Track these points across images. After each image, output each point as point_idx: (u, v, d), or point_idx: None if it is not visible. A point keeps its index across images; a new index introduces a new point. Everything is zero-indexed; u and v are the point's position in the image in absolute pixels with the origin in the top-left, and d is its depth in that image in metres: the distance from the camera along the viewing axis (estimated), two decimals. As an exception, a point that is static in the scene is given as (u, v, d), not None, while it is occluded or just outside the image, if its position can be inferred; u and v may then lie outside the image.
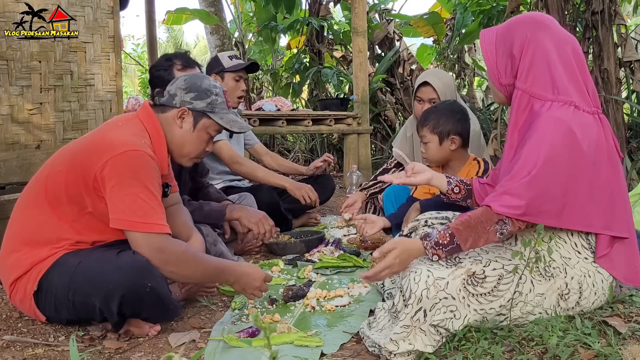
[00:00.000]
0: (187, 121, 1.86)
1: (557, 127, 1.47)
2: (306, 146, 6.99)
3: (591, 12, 3.93)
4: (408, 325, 1.46)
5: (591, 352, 1.36)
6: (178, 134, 1.86)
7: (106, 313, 1.66)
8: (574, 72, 1.57)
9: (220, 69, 3.22)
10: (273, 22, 6.57)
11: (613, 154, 1.57)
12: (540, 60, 1.56)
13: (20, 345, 1.68)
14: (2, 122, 3.01)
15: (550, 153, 1.46)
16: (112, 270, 1.64)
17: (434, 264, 1.52)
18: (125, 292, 1.62)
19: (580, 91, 1.56)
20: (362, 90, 4.93)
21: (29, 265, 1.72)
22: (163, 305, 1.73)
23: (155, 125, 1.83)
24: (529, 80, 1.57)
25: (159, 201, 1.72)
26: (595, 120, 1.54)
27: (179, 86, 1.87)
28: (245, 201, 2.98)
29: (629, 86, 4.31)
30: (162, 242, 1.69)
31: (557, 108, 1.51)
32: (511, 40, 1.60)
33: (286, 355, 1.55)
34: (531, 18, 1.63)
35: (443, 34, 6.96)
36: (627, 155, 3.67)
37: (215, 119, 1.88)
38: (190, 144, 1.89)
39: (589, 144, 1.49)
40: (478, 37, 6.85)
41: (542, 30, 1.58)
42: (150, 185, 1.69)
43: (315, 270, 2.41)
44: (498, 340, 1.46)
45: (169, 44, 18.36)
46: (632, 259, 1.60)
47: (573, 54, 1.59)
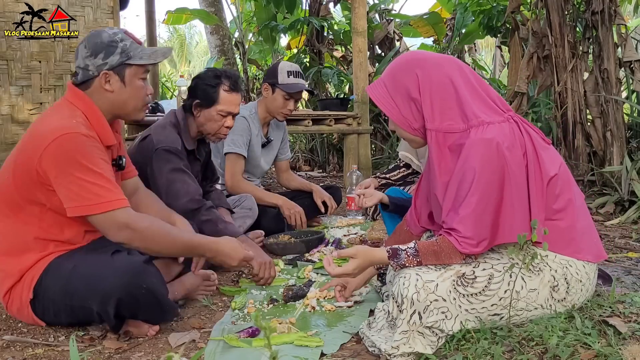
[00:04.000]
0: (114, 81, 1.78)
1: (482, 152, 1.47)
2: (306, 146, 7.00)
3: (591, 12, 3.93)
4: (406, 330, 1.47)
5: (591, 352, 1.36)
6: (113, 97, 1.79)
7: (104, 316, 1.66)
8: (475, 89, 1.57)
9: (274, 82, 3.18)
10: (273, 22, 6.58)
11: (540, 148, 1.57)
12: (440, 94, 1.55)
13: (20, 345, 1.68)
14: (2, 122, 3.01)
15: (485, 183, 1.47)
16: (107, 273, 1.64)
17: (422, 268, 1.53)
18: (121, 295, 1.62)
19: (487, 105, 1.56)
20: (362, 90, 4.93)
21: (18, 273, 1.71)
22: (159, 307, 1.72)
23: (85, 100, 1.77)
24: (436, 118, 1.56)
25: (107, 178, 1.68)
26: (510, 125, 1.54)
27: (84, 56, 1.76)
28: (245, 202, 2.98)
29: (629, 86, 4.32)
30: (125, 216, 1.67)
31: (475, 133, 1.50)
32: (404, 85, 1.59)
33: (286, 355, 1.55)
34: (411, 58, 1.62)
35: (443, 34, 6.97)
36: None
37: (136, 63, 1.81)
38: (131, 99, 1.82)
39: (513, 148, 1.50)
40: (478, 37, 6.89)
41: (427, 65, 1.58)
42: (92, 165, 1.65)
43: (315, 270, 2.41)
44: (498, 340, 1.47)
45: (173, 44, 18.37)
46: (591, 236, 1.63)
47: (463, 71, 1.59)
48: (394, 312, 1.52)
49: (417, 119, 1.60)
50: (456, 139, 1.54)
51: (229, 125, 2.54)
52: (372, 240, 2.82)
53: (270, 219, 3.04)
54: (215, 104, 2.47)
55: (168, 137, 2.41)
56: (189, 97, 2.55)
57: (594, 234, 1.66)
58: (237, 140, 3.13)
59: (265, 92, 3.25)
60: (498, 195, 1.48)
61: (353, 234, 3.14)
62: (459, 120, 1.54)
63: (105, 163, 1.72)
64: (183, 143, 2.45)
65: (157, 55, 1.86)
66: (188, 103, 2.53)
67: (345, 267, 1.63)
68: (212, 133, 2.52)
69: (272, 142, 3.43)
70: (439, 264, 1.53)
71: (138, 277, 1.64)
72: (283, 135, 3.56)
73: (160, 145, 2.36)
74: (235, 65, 7.62)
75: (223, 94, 2.47)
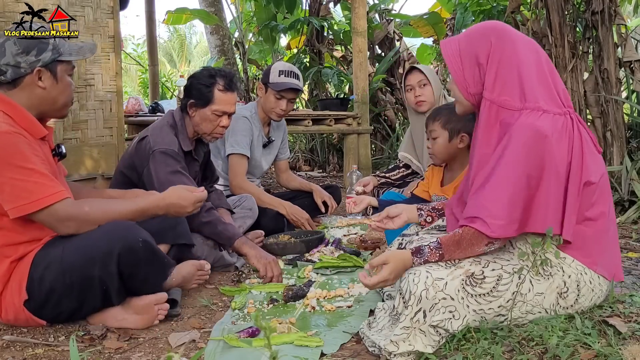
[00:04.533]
0: (46, 78, 1.77)
1: (528, 136, 1.47)
2: (306, 146, 6.99)
3: (591, 12, 3.93)
4: (408, 327, 1.47)
5: (591, 352, 1.36)
6: (44, 94, 1.78)
7: (106, 280, 1.67)
8: (543, 75, 1.56)
9: (266, 81, 3.20)
10: (273, 22, 6.57)
11: (585, 152, 1.55)
12: (506, 68, 1.55)
13: (20, 345, 1.68)
14: (2, 122, 3.01)
15: (523, 165, 1.46)
16: (102, 235, 1.67)
17: (433, 265, 1.53)
18: (121, 250, 1.65)
19: (549, 93, 1.55)
20: (362, 90, 4.93)
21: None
22: (158, 259, 1.75)
23: (5, 100, 1.73)
24: (496, 89, 1.56)
25: (41, 172, 1.66)
26: (565, 119, 1.53)
27: (14, 53, 1.73)
28: (246, 202, 2.98)
29: (629, 86, 4.31)
30: (64, 209, 1.67)
31: (527, 116, 1.50)
32: (476, 49, 1.59)
33: (286, 355, 1.55)
34: (493, 26, 1.62)
35: (443, 34, 6.96)
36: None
37: (67, 59, 1.81)
38: (61, 95, 1.82)
39: (559, 143, 1.49)
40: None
41: (505, 38, 1.57)
42: (21, 162, 1.64)
43: (315, 270, 2.41)
44: (498, 340, 1.46)
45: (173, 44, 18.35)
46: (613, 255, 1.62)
47: (539, 56, 1.58)
48: (399, 307, 1.52)
49: (476, 84, 1.60)
50: (508, 115, 1.53)
51: (224, 125, 2.52)
52: (372, 240, 2.82)
53: (270, 219, 3.04)
54: (210, 104, 2.46)
55: (165, 139, 2.40)
56: (185, 96, 2.54)
57: (617, 254, 1.64)
58: (240, 140, 3.13)
59: (260, 92, 3.28)
60: (535, 182, 1.47)
61: (353, 234, 3.13)
62: (517, 98, 1.53)
63: (37, 157, 1.69)
64: (180, 144, 2.44)
65: (85, 51, 1.87)
66: (183, 103, 2.53)
67: (380, 274, 1.57)
68: (207, 133, 2.51)
69: (274, 142, 3.43)
70: (458, 258, 1.51)
71: (133, 232, 1.68)
72: (283, 135, 3.56)
73: (157, 148, 2.35)
74: (235, 65, 7.62)
75: (218, 94, 2.46)
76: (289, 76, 3.18)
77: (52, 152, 1.85)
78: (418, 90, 3.00)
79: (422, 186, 2.53)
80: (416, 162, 3.23)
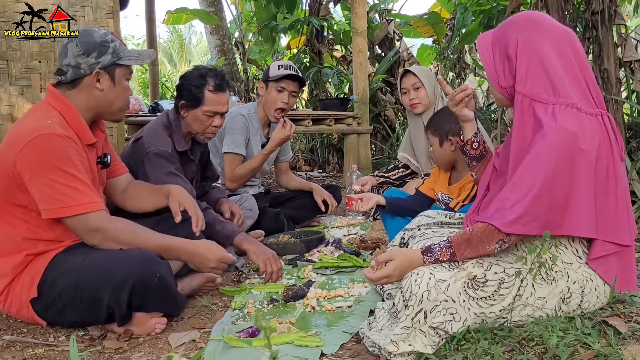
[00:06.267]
0: (104, 80, 1.81)
1: (559, 136, 1.44)
2: (306, 146, 7.00)
3: (591, 12, 3.93)
4: (408, 327, 1.46)
5: (591, 352, 1.35)
6: (101, 96, 1.82)
7: (114, 306, 1.67)
8: (574, 71, 1.53)
9: (266, 78, 3.22)
10: (273, 22, 6.57)
11: (615, 158, 1.53)
12: (536, 62, 1.53)
13: (20, 345, 1.68)
14: (2, 122, 3.01)
15: (553, 164, 1.43)
16: (121, 261, 1.66)
17: (437, 266, 1.52)
18: (135, 282, 1.64)
19: (582, 91, 1.52)
20: (362, 90, 4.93)
21: (11, 272, 1.72)
22: (170, 296, 1.75)
23: (62, 101, 1.78)
24: (528, 83, 1.53)
25: (82, 180, 1.69)
26: (598, 122, 1.50)
27: (76, 54, 1.78)
28: (246, 202, 2.98)
29: (629, 86, 4.31)
30: (97, 220, 1.69)
31: (560, 112, 1.47)
32: (506, 41, 1.57)
33: (286, 355, 1.55)
34: (525, 18, 1.59)
35: (443, 34, 6.96)
36: (627, 155, 3.66)
37: (126, 64, 1.85)
38: (117, 98, 1.86)
39: (591, 149, 1.46)
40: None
41: (537, 30, 1.55)
42: (66, 167, 1.66)
43: (315, 270, 2.41)
44: (498, 340, 1.46)
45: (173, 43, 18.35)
46: (627, 266, 1.59)
47: (572, 51, 1.55)
48: (399, 305, 1.51)
49: (507, 77, 1.58)
50: (541, 109, 1.50)
51: (217, 125, 2.51)
52: (372, 240, 2.82)
53: (270, 219, 3.05)
54: (201, 105, 2.44)
55: (159, 140, 2.39)
56: (176, 97, 2.54)
57: (631, 264, 1.61)
58: (236, 139, 3.13)
59: (261, 91, 3.29)
60: (565, 184, 1.44)
61: (353, 234, 3.14)
62: (550, 92, 1.50)
63: (82, 164, 1.72)
64: (174, 145, 2.43)
65: (144, 57, 1.92)
66: (175, 103, 2.53)
67: (385, 269, 1.56)
68: (200, 133, 2.51)
69: None
70: (470, 257, 1.50)
71: (152, 266, 1.67)
72: None
73: (151, 149, 2.35)
74: (235, 65, 7.63)
75: (208, 95, 2.44)
76: (288, 69, 3.21)
77: (97, 160, 1.87)
78: (412, 93, 3.08)
79: (428, 183, 2.54)
80: (415, 162, 3.24)
